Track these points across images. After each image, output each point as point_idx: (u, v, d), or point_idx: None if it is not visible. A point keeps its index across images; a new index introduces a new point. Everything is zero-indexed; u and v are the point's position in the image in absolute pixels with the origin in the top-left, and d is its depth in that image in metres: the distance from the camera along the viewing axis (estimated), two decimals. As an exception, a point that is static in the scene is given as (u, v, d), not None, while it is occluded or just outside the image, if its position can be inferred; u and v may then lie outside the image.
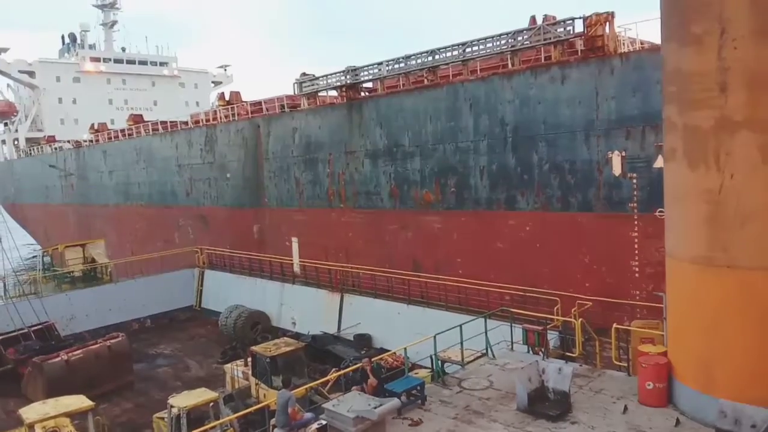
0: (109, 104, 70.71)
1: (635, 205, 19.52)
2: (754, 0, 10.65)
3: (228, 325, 30.12)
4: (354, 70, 29.40)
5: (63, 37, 76.70)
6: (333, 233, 30.85)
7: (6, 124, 75.63)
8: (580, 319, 16.71)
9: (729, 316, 11.27)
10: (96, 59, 71.42)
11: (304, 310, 29.73)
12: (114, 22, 75.54)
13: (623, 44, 21.61)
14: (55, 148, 61.30)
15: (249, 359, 19.80)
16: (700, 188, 11.50)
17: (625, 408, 12.59)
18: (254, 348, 19.60)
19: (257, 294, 32.40)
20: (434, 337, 15.76)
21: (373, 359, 15.50)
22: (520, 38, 22.78)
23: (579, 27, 21.17)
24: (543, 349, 16.06)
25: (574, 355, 16.56)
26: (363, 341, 25.43)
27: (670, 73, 12.17)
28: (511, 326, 16.98)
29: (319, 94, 32.54)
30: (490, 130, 23.66)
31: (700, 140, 11.43)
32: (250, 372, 19.45)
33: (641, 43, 22.38)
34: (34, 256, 57.64)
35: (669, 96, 12.27)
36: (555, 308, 18.93)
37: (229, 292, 33.73)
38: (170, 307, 34.87)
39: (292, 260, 32.59)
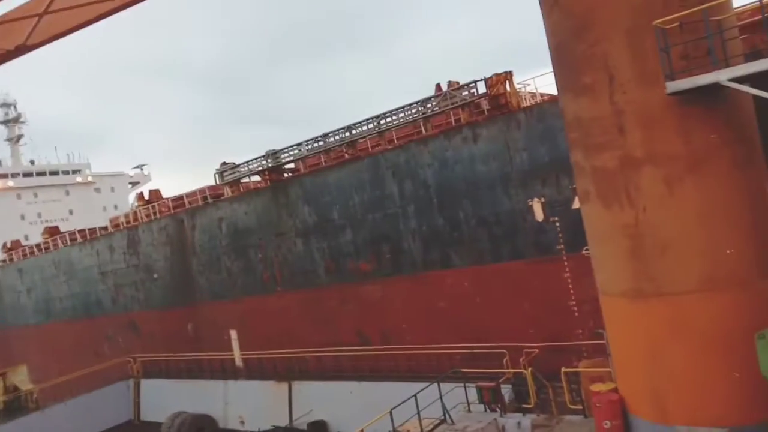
0: (22, 220, 67.44)
1: (562, 246, 20.19)
2: (632, 48, 11.61)
3: (172, 435, 28.21)
4: (275, 153, 29.60)
5: (-35, 157, 73.49)
6: (273, 319, 30.00)
7: None
8: (530, 369, 16.76)
9: (666, 343, 11.59)
10: (4, 176, 68.57)
11: (252, 405, 28.31)
12: (20, 136, 73.36)
13: (525, 99, 22.95)
14: (-36, 273, 57.36)
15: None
16: (617, 224, 12.03)
17: (589, 452, 12.51)
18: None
19: (199, 396, 30.67)
20: (390, 412, 15.31)
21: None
22: (429, 105, 23.78)
23: (482, 88, 22.40)
24: (499, 406, 15.91)
25: (530, 405, 16.49)
26: (318, 429, 24.38)
27: (571, 121, 12.93)
28: (465, 387, 16.79)
29: (242, 180, 32.41)
30: (414, 194, 24.16)
31: (609, 180, 12.06)
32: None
33: (541, 96, 23.84)
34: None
35: (573, 142, 12.98)
36: (504, 360, 18.94)
37: (168, 400, 31.75)
38: (107, 425, 32.45)
39: (232, 354, 31.28)
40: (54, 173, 71.51)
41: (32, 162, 73.17)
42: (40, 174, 70.59)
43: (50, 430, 29.91)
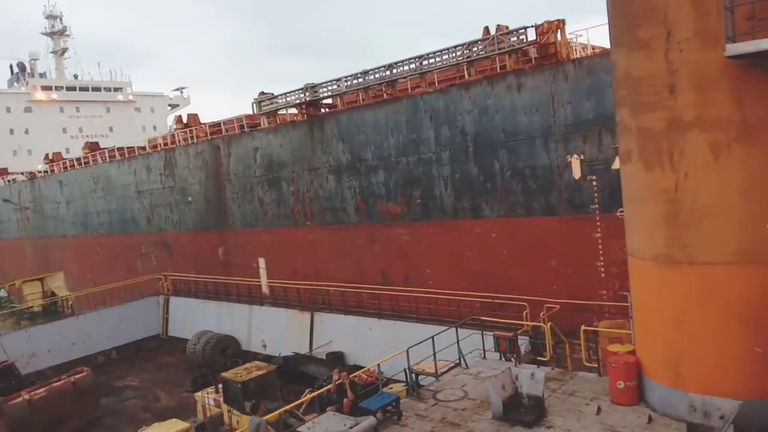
0: (63, 133, 69.08)
1: (597, 206, 19.89)
2: (694, 3, 11.01)
3: (196, 352, 29.48)
4: (313, 87, 29.38)
5: (11, 66, 74.84)
6: (300, 252, 30.58)
7: (-45, 158, 73.12)
8: (549, 323, 16.87)
9: (692, 312, 11.50)
10: (47, 88, 69.81)
11: (274, 331, 29.32)
12: (65, 50, 74.09)
13: (575, 50, 22.12)
14: (9, 181, 59.49)
15: (220, 386, 19.37)
16: (656, 188, 11.76)
17: (599, 409, 12.70)
18: (224, 374, 19.20)
19: (225, 318, 31.84)
20: (407, 350, 15.68)
21: (351, 375, 15.31)
22: (475, 49, 23.11)
23: (531, 35, 21.61)
24: (515, 356, 16.14)
25: (545, 359, 16.69)
26: (336, 359, 25.16)
27: (621, 78, 12.47)
28: (483, 334, 17.03)
29: (279, 112, 32.37)
30: (451, 141, 23.86)
31: (653, 141, 11.71)
32: (221, 399, 19.03)
33: (593, 49, 22.94)
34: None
35: (621, 100, 12.56)
36: (524, 313, 19.08)
37: (196, 318, 33.07)
38: (136, 337, 34.00)
39: (259, 281, 32.15)
40: (96, 89, 72.52)
41: (75, 76, 74.18)
42: (83, 89, 71.68)
43: (83, 335, 31.53)
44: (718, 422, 10.47)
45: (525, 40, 21.71)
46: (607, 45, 17.57)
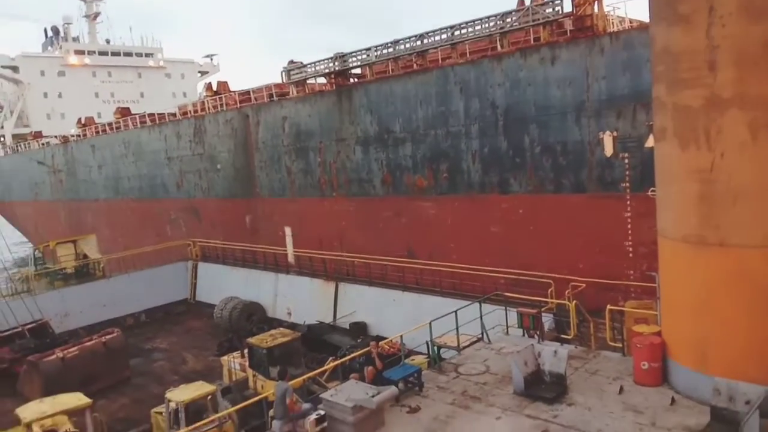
0: (96, 97, 70.03)
1: (628, 185, 19.52)
2: (742, -25, 10.55)
3: (223, 317, 30.10)
4: (342, 57, 29.15)
5: (45, 30, 75.77)
6: (326, 222, 30.76)
7: (-9, 121, 74.83)
8: (574, 301, 16.76)
9: (721, 294, 11.30)
10: (80, 52, 70.58)
11: (299, 300, 29.72)
12: (97, 14, 74.63)
13: (612, 23, 21.48)
14: (43, 144, 60.69)
15: (245, 351, 19.78)
16: (691, 167, 11.46)
17: (621, 388, 12.66)
18: (250, 339, 19.57)
19: (251, 285, 32.34)
20: (430, 323, 15.78)
21: (379, 343, 15.47)
22: (508, 20, 22.60)
23: (567, 7, 21.02)
24: (538, 333, 16.11)
25: (569, 337, 16.63)
26: (359, 329, 25.46)
27: (659, 53, 12.08)
28: (506, 310, 17.01)
29: (308, 81, 32.25)
30: (481, 114, 23.54)
31: (690, 119, 11.38)
32: (246, 364, 19.44)
33: (630, 22, 22.25)
34: (25, 254, 57.30)
35: (658, 75, 12.19)
36: (549, 291, 18.97)
37: (223, 284, 33.66)
38: (164, 300, 34.79)
39: (285, 250, 32.50)
40: (128, 54, 73.12)
41: (107, 41, 74.79)
42: (115, 54, 72.33)
43: (114, 297, 32.35)
44: (743, 407, 10.35)
45: (561, 12, 21.13)
46: (645, 18, 17.03)
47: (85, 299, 31.63)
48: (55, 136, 60.31)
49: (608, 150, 19.86)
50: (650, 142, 17.54)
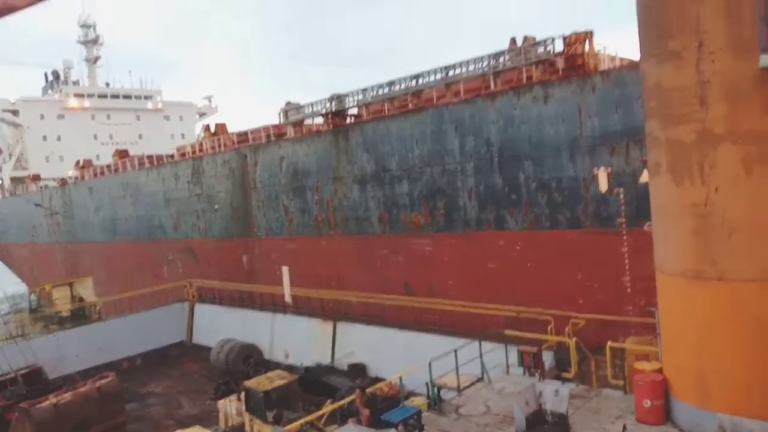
0: (94, 140, 70.55)
1: (623, 220, 19.53)
2: (728, 13, 10.77)
3: (219, 360, 29.61)
4: (339, 97, 29.54)
5: (46, 75, 76.77)
6: (324, 260, 30.64)
7: (-10, 164, 75.22)
8: (574, 338, 16.55)
9: (721, 329, 11.18)
10: (80, 95, 71.41)
11: (297, 340, 29.32)
12: (97, 58, 75.77)
13: (603, 62, 21.86)
14: (41, 187, 60.90)
15: (242, 394, 19.42)
16: (686, 202, 11.49)
17: (624, 427, 12.39)
18: (247, 383, 19.25)
19: (248, 326, 31.96)
20: (429, 363, 15.54)
21: (366, 389, 15.22)
22: (501, 60, 23.01)
23: (559, 46, 21.44)
24: (539, 371, 15.86)
25: (570, 375, 16.35)
26: (357, 371, 25.05)
27: (651, 89, 12.24)
28: (506, 348, 16.79)
29: (305, 121, 32.61)
30: (476, 151, 23.73)
31: (683, 154, 11.45)
32: (243, 407, 19.07)
33: (621, 60, 22.66)
34: (21, 297, 56.78)
35: (650, 111, 12.33)
36: (548, 328, 18.76)
37: (220, 326, 33.28)
38: (161, 343, 34.30)
39: (283, 290, 32.27)
40: (127, 97, 73.97)
41: (107, 84, 75.75)
42: (114, 97, 73.16)
43: (110, 340, 31.91)
44: (750, 445, 10.13)
45: (552, 51, 21.55)
46: (635, 57, 17.33)
47: (80, 343, 31.19)
48: (54, 179, 60.54)
49: (603, 186, 19.94)
50: (644, 178, 17.61)
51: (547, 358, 17.17)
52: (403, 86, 26.65)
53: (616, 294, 19.65)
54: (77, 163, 58.22)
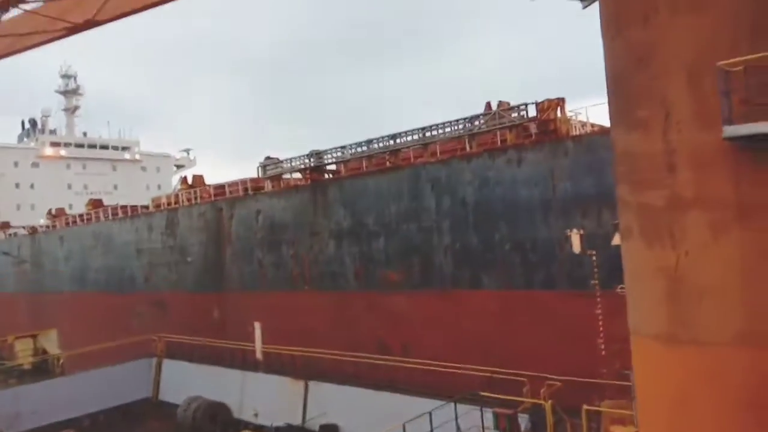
0: (68, 189, 69.78)
1: (597, 281, 19.77)
2: (692, 87, 11.31)
3: (186, 418, 28.58)
4: (318, 154, 29.90)
5: (23, 122, 76.50)
6: (297, 316, 30.19)
7: (-42, 211, 73.57)
8: (550, 401, 16.42)
9: (698, 393, 11.17)
10: (56, 144, 71.08)
11: (267, 399, 28.47)
12: (76, 107, 75.97)
13: (575, 127, 22.63)
14: (10, 234, 59.55)
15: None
16: (657, 265, 11.68)
17: (601, 494, 12.16)
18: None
19: (218, 383, 30.99)
20: (403, 425, 15.23)
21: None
22: (476, 123, 23.67)
23: (532, 112, 22.18)
24: (514, 434, 15.62)
25: (546, 438, 16.14)
26: None
27: (620, 155, 12.64)
28: (482, 411, 16.56)
29: (284, 176, 32.81)
30: (451, 210, 24.04)
31: (653, 218, 11.73)
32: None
33: (592, 126, 23.47)
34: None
35: (620, 176, 12.69)
36: (524, 389, 18.59)
37: (188, 382, 32.22)
38: (125, 399, 32.98)
39: (254, 346, 31.56)
40: (104, 147, 73.84)
41: (85, 134, 75.67)
42: (91, 146, 72.99)
43: (72, 396, 30.61)
44: None
45: (526, 116, 22.27)
46: (605, 122, 17.99)
47: (40, 398, 29.85)
48: (24, 227, 59.35)
49: (576, 247, 20.26)
50: (616, 240, 17.97)
51: (523, 420, 16.97)
52: (381, 145, 27.15)
53: (591, 356, 19.65)
54: (49, 211, 57.31)
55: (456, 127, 24.38)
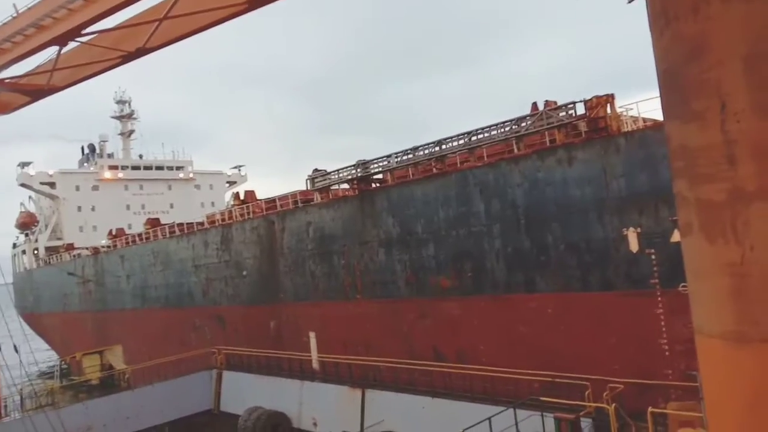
0: (127, 209, 72.48)
1: (657, 281, 19.19)
2: (748, 77, 10.92)
3: (247, 428, 29.14)
4: (364, 163, 30.14)
5: (83, 148, 79.98)
6: (350, 325, 30.42)
7: (27, 235, 77.45)
8: (614, 404, 16.00)
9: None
10: (114, 167, 74.00)
11: (325, 408, 28.77)
12: (131, 131, 78.89)
13: (626, 123, 22.09)
14: (74, 256, 62.24)
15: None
16: (721, 261, 11.25)
17: (672, 500, 11.77)
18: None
19: (276, 393, 31.53)
20: None
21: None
22: (523, 124, 23.39)
23: (581, 110, 21.78)
24: (577, 439, 15.28)
25: (610, 443, 15.73)
26: (387, 439, 24.37)
27: (676, 149, 12.26)
28: (542, 416, 16.28)
29: (332, 187, 33.21)
30: (501, 213, 23.80)
31: (714, 213, 11.32)
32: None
33: (644, 121, 22.86)
34: (51, 366, 57.08)
35: (677, 171, 12.30)
36: (586, 393, 18.18)
37: (247, 393, 32.88)
38: (188, 411, 33.91)
39: (310, 356, 31.96)
40: (159, 168, 76.40)
41: (140, 156, 78.50)
42: (147, 168, 75.64)
43: (138, 409, 31.68)
44: None
45: (574, 114, 21.87)
46: (657, 117, 17.51)
47: (109, 412, 31.03)
48: (87, 248, 61.95)
49: (633, 246, 19.74)
50: (676, 237, 17.45)
51: (586, 425, 16.59)
52: (426, 152, 27.13)
53: (654, 358, 19.06)
54: (110, 232, 59.66)
55: (502, 130, 24.15)
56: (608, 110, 21.09)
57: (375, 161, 29.82)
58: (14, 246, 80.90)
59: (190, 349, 38.75)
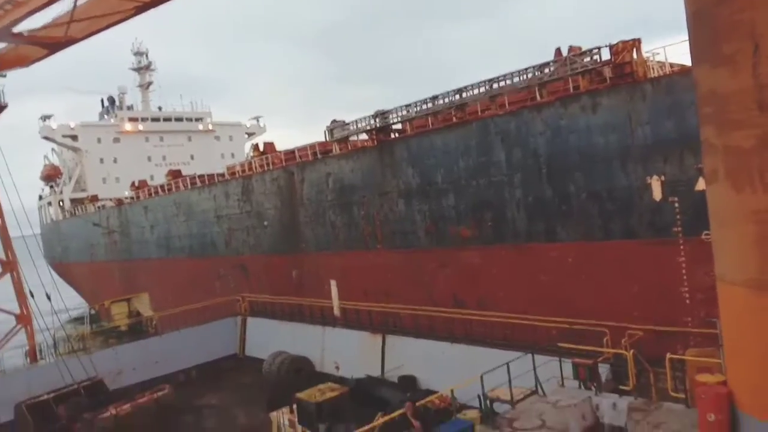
0: (148, 161, 73.09)
1: (679, 229, 19.06)
2: (785, 16, 10.51)
3: (272, 372, 30.08)
4: (383, 114, 29.88)
5: (102, 101, 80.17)
6: (371, 274, 30.84)
7: (52, 187, 78.76)
8: (632, 351, 16.19)
9: (790, 340, 10.76)
10: (134, 119, 74.27)
11: (347, 353, 29.52)
12: (150, 83, 78.71)
13: (653, 69, 21.50)
14: (98, 207, 63.36)
15: (294, 406, 19.69)
16: (746, 209, 11.17)
17: (688, 442, 12.04)
18: (299, 394, 19.52)
19: (299, 339, 32.38)
20: (481, 376, 15.45)
21: (416, 402, 15.23)
22: (546, 71, 22.88)
23: (605, 56, 21.20)
24: (595, 384, 15.55)
25: (627, 388, 15.98)
26: (408, 383, 25.03)
27: (705, 95, 12.00)
28: (560, 361, 16.54)
29: (350, 138, 33.08)
30: (523, 163, 23.60)
31: (742, 160, 11.16)
32: (295, 419, 19.32)
33: (671, 66, 22.22)
34: (81, 313, 59.00)
35: (705, 117, 12.07)
36: (604, 340, 18.40)
37: (271, 339, 33.80)
38: (214, 356, 35.03)
39: (331, 303, 32.59)
40: (179, 120, 76.51)
41: (160, 108, 78.54)
42: (167, 120, 75.79)
43: (166, 354, 32.78)
44: (824, 461, 9.70)
45: (599, 60, 21.32)
46: (685, 62, 17.01)
47: (137, 356, 32.17)
48: (110, 199, 62.96)
49: (657, 194, 19.54)
50: (701, 185, 17.22)
51: (604, 370, 16.84)
52: (446, 100, 26.75)
53: (674, 305, 19.13)
54: (132, 183, 60.44)
55: (525, 77, 23.65)
56: (634, 55, 20.51)
57: (394, 111, 29.53)
58: (40, 198, 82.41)
59: (215, 298, 39.74)
